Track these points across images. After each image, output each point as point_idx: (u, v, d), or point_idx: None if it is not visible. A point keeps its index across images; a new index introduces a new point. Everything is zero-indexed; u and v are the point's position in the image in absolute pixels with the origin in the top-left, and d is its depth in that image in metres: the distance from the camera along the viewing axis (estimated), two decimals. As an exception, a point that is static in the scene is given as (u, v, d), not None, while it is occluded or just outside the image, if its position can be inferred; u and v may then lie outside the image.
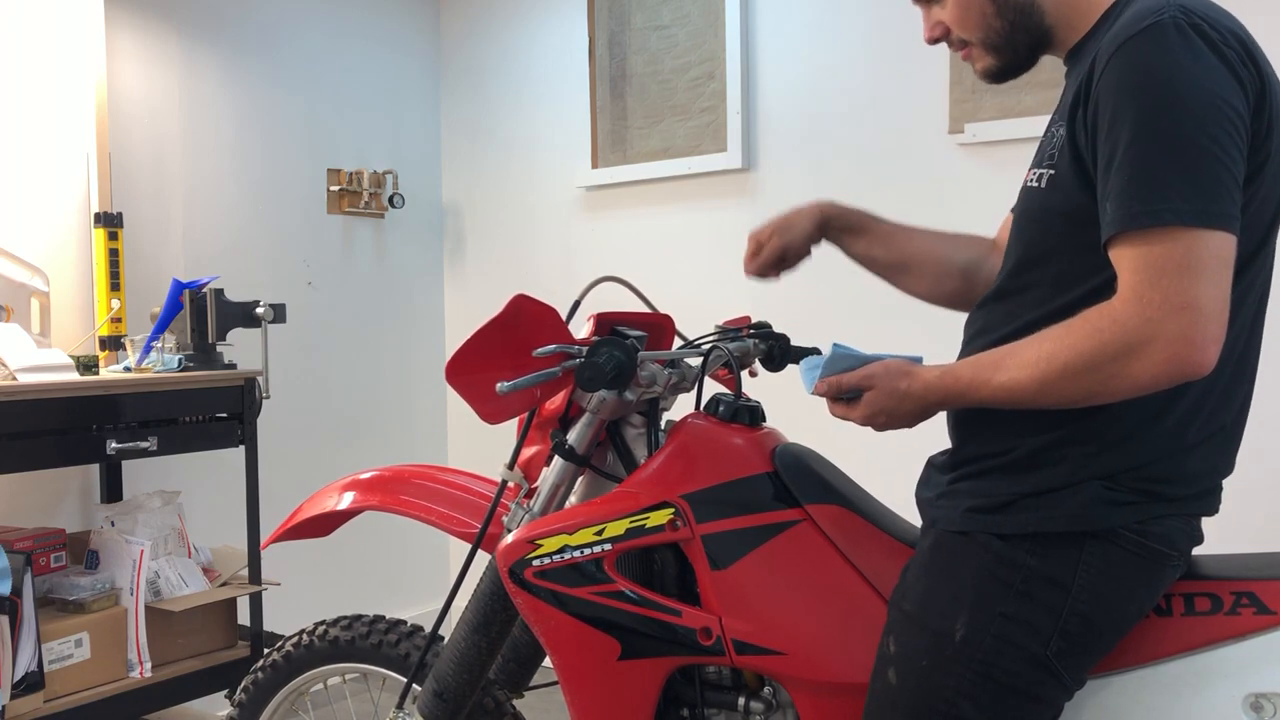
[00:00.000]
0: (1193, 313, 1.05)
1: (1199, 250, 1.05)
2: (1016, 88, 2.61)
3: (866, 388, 1.25)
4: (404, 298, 3.75)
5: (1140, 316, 1.06)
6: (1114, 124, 1.09)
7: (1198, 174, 1.06)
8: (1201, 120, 1.06)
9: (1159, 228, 1.06)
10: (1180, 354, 1.05)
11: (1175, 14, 1.09)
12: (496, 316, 1.39)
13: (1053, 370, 1.11)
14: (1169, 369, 1.06)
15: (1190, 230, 1.05)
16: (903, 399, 1.23)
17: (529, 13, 3.61)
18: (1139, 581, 1.18)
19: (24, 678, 2.22)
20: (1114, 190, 1.09)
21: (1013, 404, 1.16)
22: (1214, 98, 1.07)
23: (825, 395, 1.28)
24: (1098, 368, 1.09)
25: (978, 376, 1.18)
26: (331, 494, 1.78)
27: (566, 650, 1.42)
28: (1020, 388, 1.14)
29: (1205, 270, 1.05)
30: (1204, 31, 1.08)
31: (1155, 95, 1.07)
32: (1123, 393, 1.10)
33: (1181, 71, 1.07)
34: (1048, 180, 1.20)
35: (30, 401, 2.26)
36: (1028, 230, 1.24)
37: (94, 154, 2.80)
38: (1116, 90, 1.09)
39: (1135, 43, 1.09)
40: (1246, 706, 1.19)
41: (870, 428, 1.28)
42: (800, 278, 2.99)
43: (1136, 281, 1.07)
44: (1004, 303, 1.26)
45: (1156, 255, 1.06)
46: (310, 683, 1.86)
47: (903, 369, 1.24)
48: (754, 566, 1.38)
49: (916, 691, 1.22)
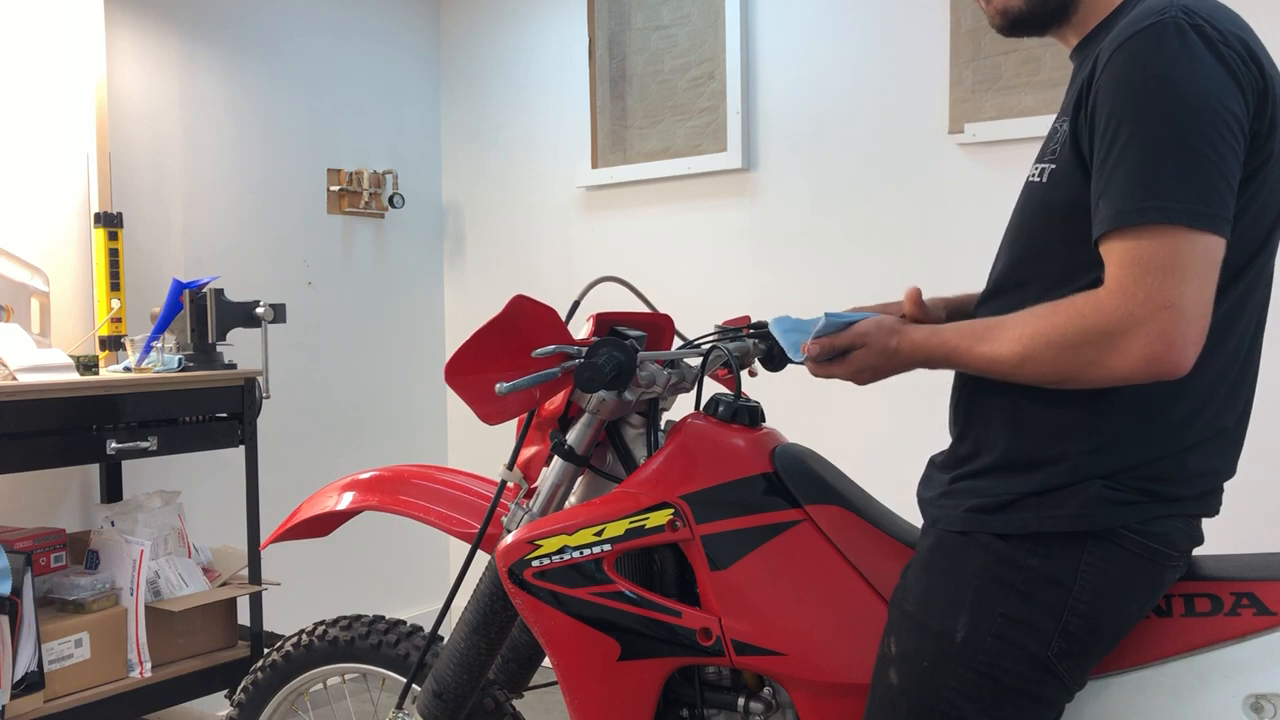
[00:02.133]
0: (1174, 312, 1.05)
1: (1186, 251, 1.06)
2: (1016, 88, 2.61)
3: (858, 345, 1.27)
4: (404, 298, 3.75)
5: (1122, 309, 1.07)
6: (1110, 122, 1.10)
7: (1191, 175, 1.06)
8: (1197, 121, 1.06)
9: (1149, 225, 1.06)
10: (1158, 352, 1.06)
11: (1177, 14, 1.09)
12: (496, 317, 1.39)
13: (1035, 346, 1.12)
14: (1145, 365, 1.07)
15: (1179, 230, 1.06)
16: (891, 356, 1.26)
17: (529, 13, 3.61)
18: (1140, 581, 1.18)
19: (24, 678, 2.22)
20: (1107, 188, 1.10)
21: (992, 373, 1.18)
22: (1211, 99, 1.07)
23: (817, 358, 1.30)
24: (1076, 349, 1.10)
25: (962, 343, 1.20)
26: (331, 494, 1.78)
27: (566, 651, 1.42)
28: (1001, 359, 1.16)
29: (1190, 271, 1.06)
30: (1204, 32, 1.09)
31: (1152, 95, 1.07)
32: (1098, 380, 1.11)
33: (1179, 72, 1.07)
34: (1049, 174, 1.20)
35: (30, 401, 2.26)
36: (1029, 224, 1.25)
37: (94, 154, 2.80)
38: (1115, 89, 1.10)
39: (1135, 41, 1.10)
40: (1246, 707, 1.19)
41: (852, 382, 1.30)
42: (800, 278, 3.01)
43: (1123, 275, 1.08)
44: (1003, 298, 1.27)
45: (1144, 252, 1.07)
46: (310, 683, 1.86)
47: (893, 326, 1.27)
48: (754, 567, 1.38)
49: (918, 692, 1.22)
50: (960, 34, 2.69)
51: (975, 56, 2.67)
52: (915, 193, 2.80)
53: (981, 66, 2.67)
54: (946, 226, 2.75)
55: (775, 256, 3.07)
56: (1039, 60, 2.59)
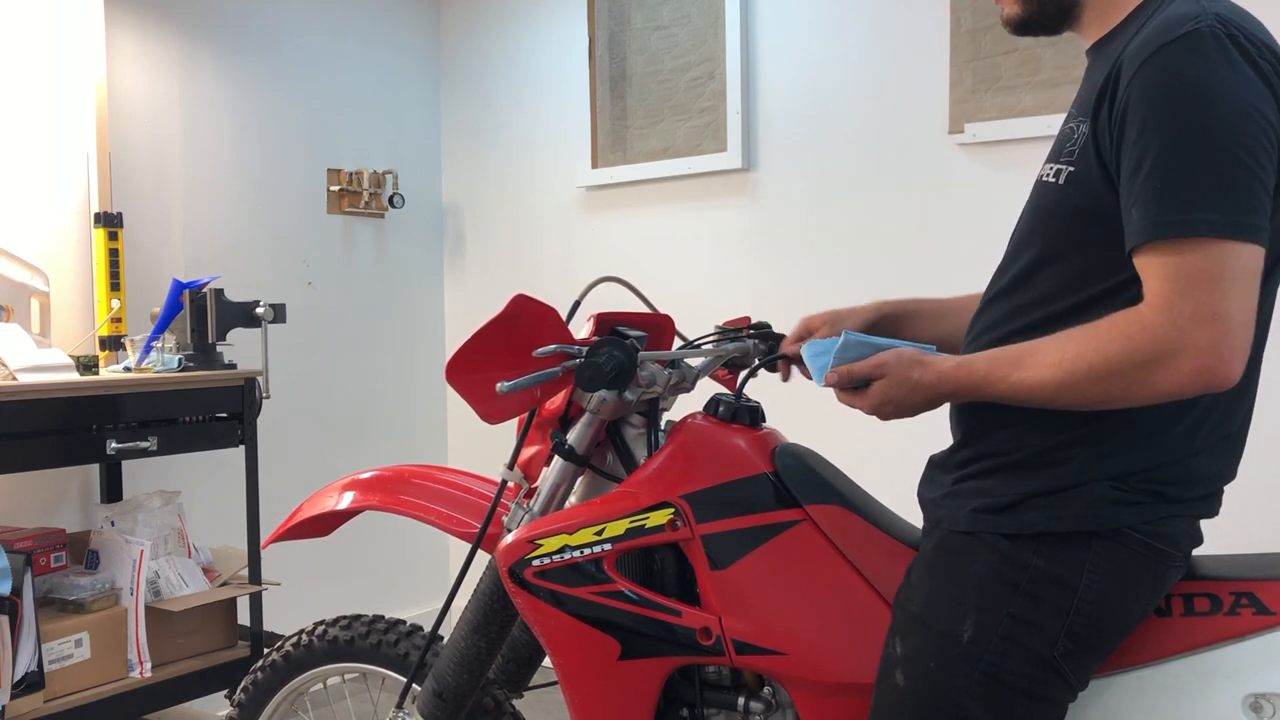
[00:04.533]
0: (1223, 324, 1.04)
1: (1230, 262, 1.05)
2: (1016, 88, 2.62)
3: (878, 376, 1.23)
4: (404, 298, 3.75)
5: (1171, 325, 1.05)
6: (1145, 130, 1.08)
7: (1231, 185, 1.05)
8: (1236, 131, 1.05)
9: (1192, 238, 1.05)
10: (1208, 365, 1.05)
11: (1212, 23, 1.08)
12: (497, 316, 1.39)
13: (1077, 371, 1.10)
14: (1195, 379, 1.06)
15: (1222, 242, 1.05)
16: (914, 389, 1.21)
17: (529, 13, 3.61)
18: (1144, 581, 1.18)
19: (24, 678, 2.21)
20: (1144, 197, 1.08)
21: (1028, 401, 1.15)
22: (1249, 108, 1.06)
23: (836, 386, 1.26)
24: (1123, 373, 1.08)
25: (994, 371, 1.16)
26: (331, 494, 1.78)
27: (566, 650, 1.42)
28: (1041, 385, 1.12)
29: (1235, 282, 1.05)
30: (1240, 43, 1.08)
31: (1190, 104, 1.06)
32: (1143, 399, 1.10)
33: (1217, 81, 1.06)
34: (1067, 176, 1.18)
35: (30, 401, 2.26)
36: (1042, 226, 1.23)
37: (94, 154, 2.80)
38: (1149, 97, 1.08)
39: (1171, 50, 1.08)
40: (1246, 707, 1.19)
41: (876, 417, 1.26)
42: (801, 277, 3.01)
43: (1167, 290, 1.06)
44: (1011, 299, 1.25)
45: (1188, 265, 1.05)
46: (310, 682, 1.86)
47: (915, 358, 1.22)
48: (754, 566, 1.38)
49: (924, 693, 1.22)
50: (960, 34, 2.69)
51: (975, 56, 2.67)
52: (915, 193, 2.80)
53: (981, 66, 2.67)
54: (947, 227, 2.75)
55: (775, 256, 3.07)
56: (1039, 60, 2.59)
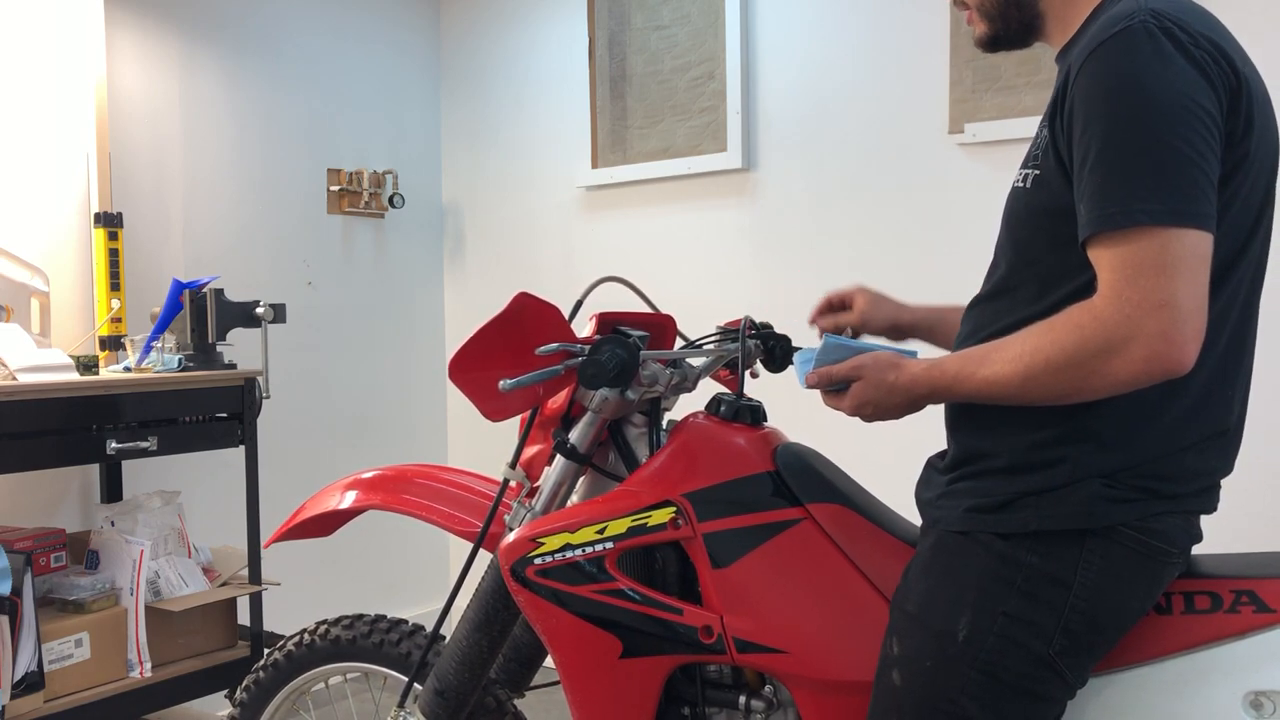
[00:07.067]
0: (1171, 310, 1.06)
1: (1174, 249, 1.06)
2: (1016, 88, 2.62)
3: (855, 379, 1.27)
4: (404, 298, 3.75)
5: (1120, 314, 1.07)
6: (1087, 127, 1.11)
7: (1170, 174, 1.07)
8: (1172, 122, 1.08)
9: (1135, 227, 1.07)
10: (1160, 351, 1.06)
11: (1145, 18, 1.11)
12: (499, 314, 1.39)
13: (1035, 365, 1.12)
14: (1148, 367, 1.07)
15: (1165, 229, 1.07)
16: (890, 391, 1.25)
17: (529, 13, 3.62)
18: (1140, 578, 1.19)
19: (24, 678, 2.21)
20: (1089, 191, 1.11)
21: (997, 399, 1.18)
22: (1185, 99, 1.08)
23: (815, 387, 1.30)
24: (1079, 364, 1.10)
25: (963, 370, 1.19)
26: (334, 493, 1.78)
27: (568, 649, 1.42)
28: (1004, 381, 1.15)
29: (1182, 268, 1.06)
30: (1174, 35, 1.10)
31: (1126, 98, 1.09)
32: (1103, 390, 1.11)
33: (1151, 75, 1.09)
34: (1033, 180, 1.22)
35: (30, 401, 2.26)
36: (1016, 231, 1.26)
37: (94, 154, 2.80)
38: (1088, 95, 1.11)
39: (1106, 48, 1.11)
40: (1246, 704, 1.19)
41: (859, 418, 1.30)
42: (801, 278, 3.01)
43: (1115, 280, 1.08)
44: (995, 302, 1.28)
45: (1133, 254, 1.07)
46: (311, 682, 1.86)
47: (891, 361, 1.26)
48: (755, 565, 1.38)
49: (921, 692, 1.22)
50: (960, 34, 2.70)
51: (975, 56, 2.68)
52: (915, 193, 2.81)
53: (981, 66, 2.67)
54: (946, 226, 2.76)
55: (775, 256, 3.07)
56: (1039, 60, 2.59)
